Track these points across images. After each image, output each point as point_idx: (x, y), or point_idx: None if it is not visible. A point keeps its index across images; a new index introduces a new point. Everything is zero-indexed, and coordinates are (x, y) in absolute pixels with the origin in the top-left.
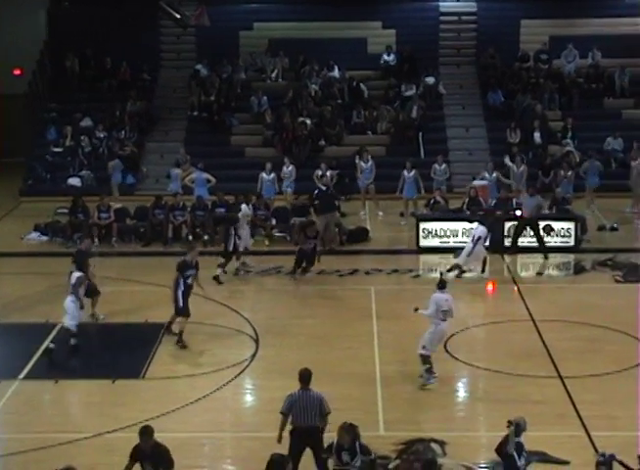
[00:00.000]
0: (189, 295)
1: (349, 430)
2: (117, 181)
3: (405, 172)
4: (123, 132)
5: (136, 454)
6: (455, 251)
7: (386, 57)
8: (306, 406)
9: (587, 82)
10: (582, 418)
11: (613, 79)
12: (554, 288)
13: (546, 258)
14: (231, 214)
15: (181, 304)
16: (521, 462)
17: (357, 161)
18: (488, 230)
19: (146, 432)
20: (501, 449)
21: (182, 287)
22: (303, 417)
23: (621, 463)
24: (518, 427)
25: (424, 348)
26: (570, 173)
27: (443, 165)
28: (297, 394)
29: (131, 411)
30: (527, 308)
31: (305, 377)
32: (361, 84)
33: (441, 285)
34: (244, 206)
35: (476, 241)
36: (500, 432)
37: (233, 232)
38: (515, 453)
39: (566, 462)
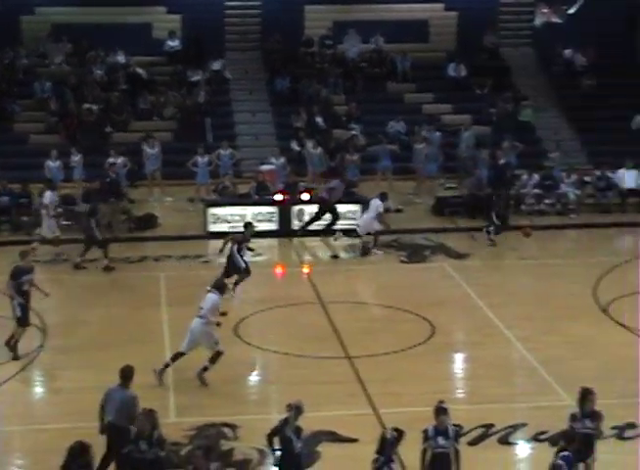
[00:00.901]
0: (29, 302)
1: (148, 416)
2: None
3: (199, 158)
4: None
5: None
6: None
7: (170, 42)
8: (114, 402)
9: (370, 67)
10: (370, 396)
11: (395, 64)
12: (342, 270)
13: (335, 240)
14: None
15: (19, 313)
16: (298, 445)
17: (144, 146)
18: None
19: None
20: (275, 433)
21: (19, 297)
22: (110, 412)
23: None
24: (297, 410)
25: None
26: (355, 157)
27: (229, 151)
28: (111, 388)
29: None
30: (316, 291)
31: (122, 374)
32: (139, 69)
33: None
34: (48, 193)
35: (377, 215)
36: None
37: (94, 224)
38: (293, 437)
39: (354, 440)
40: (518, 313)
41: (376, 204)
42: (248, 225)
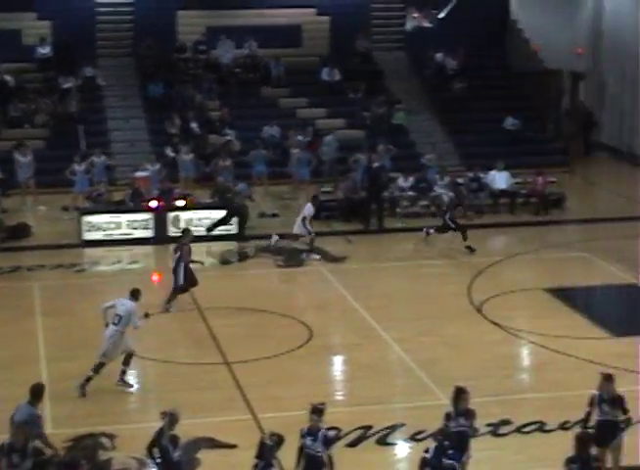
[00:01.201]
0: None
1: (19, 428)
2: None
3: (76, 166)
4: None
5: None
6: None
7: (41, 49)
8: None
9: (244, 72)
10: (249, 401)
11: (269, 69)
12: (219, 276)
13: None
14: None
15: None
16: (175, 454)
17: (15, 155)
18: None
19: None
20: (153, 444)
21: None
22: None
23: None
24: (172, 418)
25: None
26: (228, 163)
27: (102, 157)
28: (19, 404)
29: None
30: (194, 297)
31: (32, 391)
32: (7, 76)
33: (133, 294)
34: None
35: (302, 219)
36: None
37: None
38: (170, 446)
39: (233, 446)
40: (394, 315)
41: (306, 207)
42: (185, 232)
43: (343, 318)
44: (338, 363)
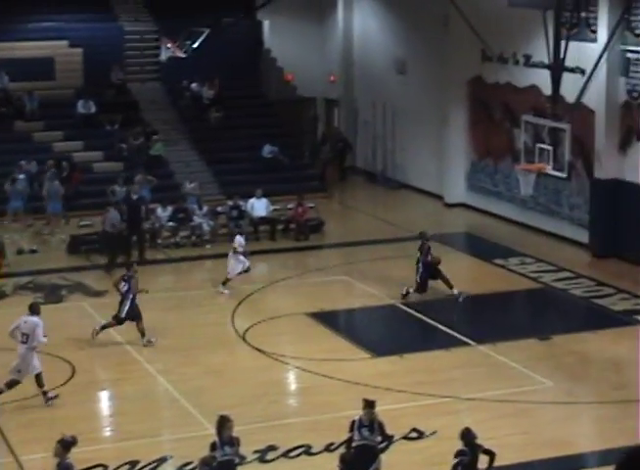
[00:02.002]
0: None
1: None
2: None
3: None
4: None
5: None
6: None
7: None
8: None
9: None
10: (10, 444)
11: (23, 103)
12: None
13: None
14: None
15: None
16: None
17: None
18: None
19: None
20: None
21: None
22: None
23: None
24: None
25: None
26: None
27: None
28: None
29: None
30: None
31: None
32: None
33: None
34: None
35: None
36: None
37: None
38: None
39: None
40: (158, 347)
41: (236, 241)
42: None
43: (107, 353)
44: (103, 399)
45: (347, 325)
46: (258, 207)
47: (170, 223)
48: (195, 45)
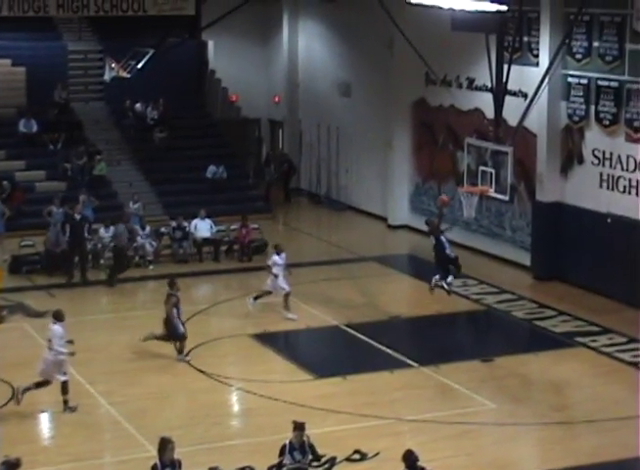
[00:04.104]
0: None
1: None
2: None
3: None
4: None
5: None
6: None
7: None
8: None
9: None
10: None
11: None
12: None
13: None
14: None
15: None
16: None
17: None
18: None
19: None
20: None
21: None
22: None
23: None
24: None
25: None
26: None
27: None
28: None
29: None
30: None
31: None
32: None
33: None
34: None
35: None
36: None
37: None
38: None
39: None
40: (100, 369)
41: (273, 260)
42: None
43: None
44: (43, 421)
45: (291, 346)
46: (202, 227)
47: (112, 244)
48: (139, 65)
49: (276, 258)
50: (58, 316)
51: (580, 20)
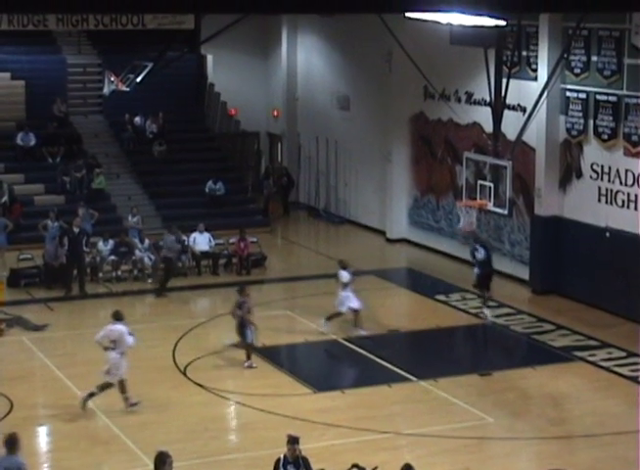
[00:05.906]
0: None
1: None
2: None
3: None
4: None
5: None
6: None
7: None
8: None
9: None
10: None
11: None
12: None
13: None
14: None
15: None
16: None
17: None
18: None
19: None
20: None
21: None
22: None
23: None
24: None
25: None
26: None
27: None
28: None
29: None
30: None
31: (9, 442)
32: None
33: (117, 316)
34: None
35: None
36: None
37: None
38: None
39: None
40: (99, 382)
41: (340, 276)
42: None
43: (45, 388)
44: (41, 434)
45: (289, 360)
46: (201, 241)
47: (112, 257)
48: (138, 79)
49: (343, 273)
50: (118, 316)
51: (579, 34)
